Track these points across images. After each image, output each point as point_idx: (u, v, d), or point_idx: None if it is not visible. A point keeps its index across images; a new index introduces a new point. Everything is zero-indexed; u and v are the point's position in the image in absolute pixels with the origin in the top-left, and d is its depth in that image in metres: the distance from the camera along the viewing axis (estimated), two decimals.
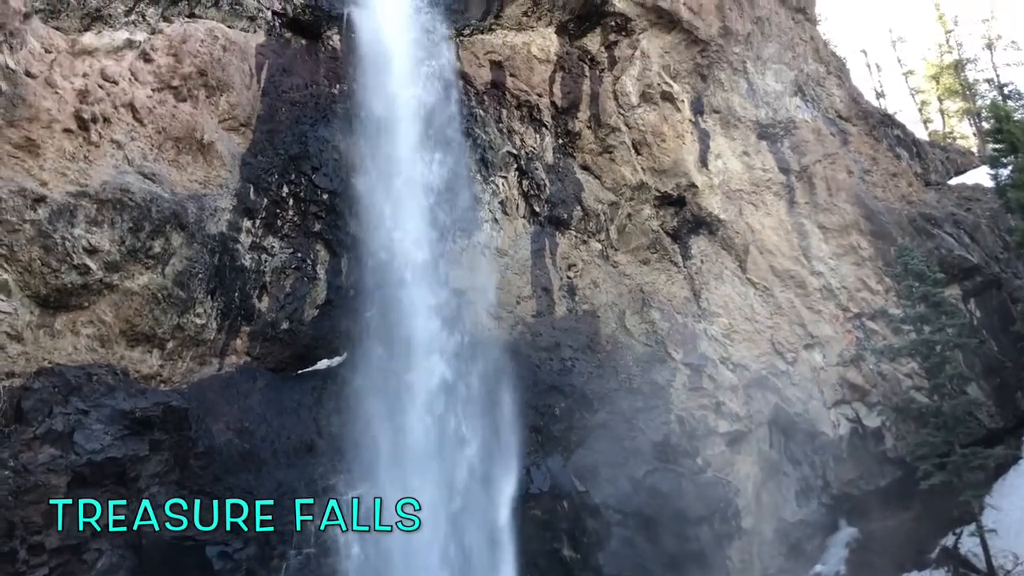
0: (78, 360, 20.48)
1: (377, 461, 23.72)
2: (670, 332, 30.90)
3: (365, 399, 24.31)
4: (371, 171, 26.47)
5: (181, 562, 20.22)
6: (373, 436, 23.91)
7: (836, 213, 34.30)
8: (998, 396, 32.22)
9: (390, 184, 26.49)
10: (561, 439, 27.68)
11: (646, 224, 32.51)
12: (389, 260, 25.77)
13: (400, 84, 27.74)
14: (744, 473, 29.66)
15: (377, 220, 26.03)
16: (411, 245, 26.18)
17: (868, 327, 32.67)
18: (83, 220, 20.35)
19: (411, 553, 22.46)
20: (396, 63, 27.91)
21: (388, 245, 25.90)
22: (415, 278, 26.00)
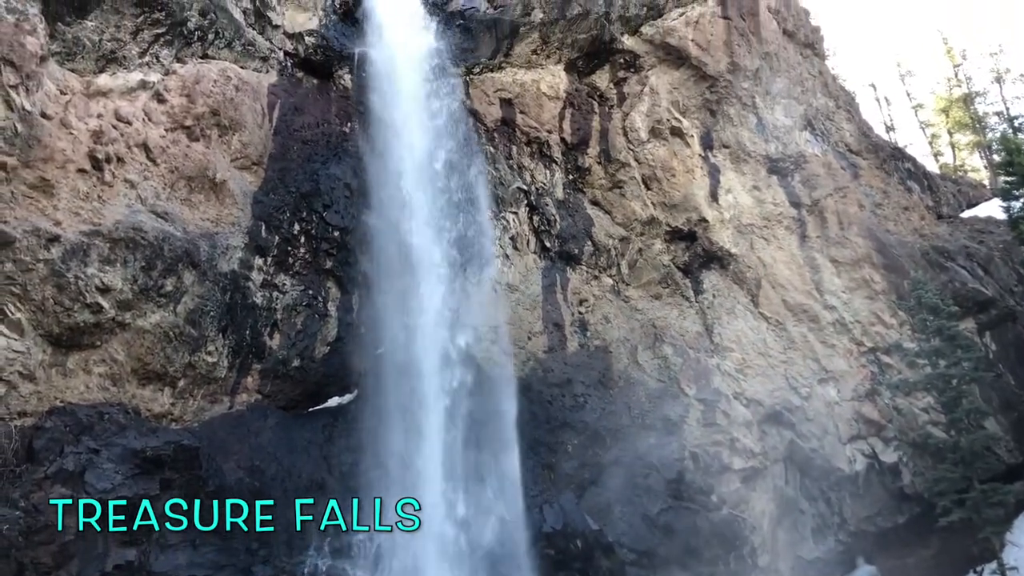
0: (90, 399, 20.51)
1: (388, 499, 23.51)
2: (683, 367, 30.70)
3: (376, 437, 24.17)
4: (382, 208, 26.59)
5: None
6: (384, 474, 23.72)
7: (848, 247, 34.16)
8: (1016, 431, 31.77)
9: (400, 220, 26.58)
10: (574, 476, 27.41)
11: (657, 259, 32.47)
12: (400, 296, 25.78)
13: (410, 121, 27.95)
14: (760, 510, 29.25)
15: (388, 256, 26.09)
16: (422, 281, 26.20)
17: (883, 361, 32.37)
18: (96, 259, 20.47)
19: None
20: (406, 101, 28.13)
21: (398, 282, 25.93)
22: (426, 314, 25.97)
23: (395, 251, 26.20)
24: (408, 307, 25.76)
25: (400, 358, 25.44)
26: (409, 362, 25.52)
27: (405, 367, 25.41)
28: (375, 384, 25.07)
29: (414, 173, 27.33)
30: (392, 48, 28.77)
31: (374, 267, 26.01)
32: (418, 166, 27.53)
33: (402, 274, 26.11)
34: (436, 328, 26.15)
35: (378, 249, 26.15)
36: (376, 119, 27.85)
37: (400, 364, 25.40)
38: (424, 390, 25.35)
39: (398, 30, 29.08)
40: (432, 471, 24.30)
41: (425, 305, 26.01)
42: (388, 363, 25.37)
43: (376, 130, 27.70)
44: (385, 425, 24.56)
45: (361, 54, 28.54)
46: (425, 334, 25.71)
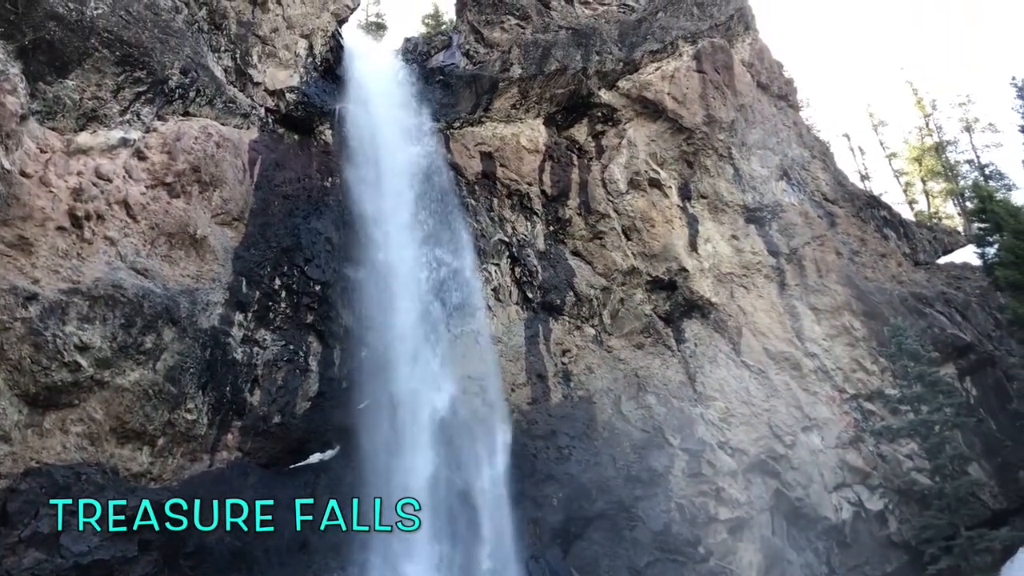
0: (67, 459, 20.13)
1: (373, 557, 23.13)
2: (667, 417, 30.60)
3: (360, 493, 23.82)
4: (363, 262, 26.60)
5: None
6: (368, 532, 23.34)
7: (827, 294, 34.44)
8: (1000, 476, 31.81)
9: (381, 274, 26.59)
10: (560, 530, 27.08)
11: (639, 308, 32.56)
12: (382, 351, 25.66)
13: (391, 176, 28.14)
14: (747, 561, 28.95)
15: (369, 311, 26.02)
16: (404, 334, 26.12)
17: (865, 408, 32.45)
18: (75, 317, 20.28)
19: None
20: (386, 156, 28.35)
21: (380, 335, 25.84)
22: (408, 368, 25.84)
23: (376, 304, 26.14)
24: (390, 360, 25.63)
25: (383, 413, 25.20)
26: (392, 416, 25.28)
27: (388, 422, 25.16)
28: (357, 440, 24.77)
29: (395, 226, 27.42)
30: (372, 104, 29.11)
31: (356, 321, 25.91)
32: (399, 219, 27.63)
33: (384, 327, 26.01)
34: (419, 382, 25.98)
35: (359, 303, 26.09)
36: (357, 174, 28.01)
37: (383, 419, 25.15)
38: (409, 444, 25.07)
39: (378, 86, 29.46)
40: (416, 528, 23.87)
41: (407, 358, 25.88)
42: (371, 418, 25.12)
43: (357, 184, 27.84)
44: (368, 481, 24.20)
45: (342, 110, 28.82)
46: (408, 388, 25.53)
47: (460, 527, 24.57)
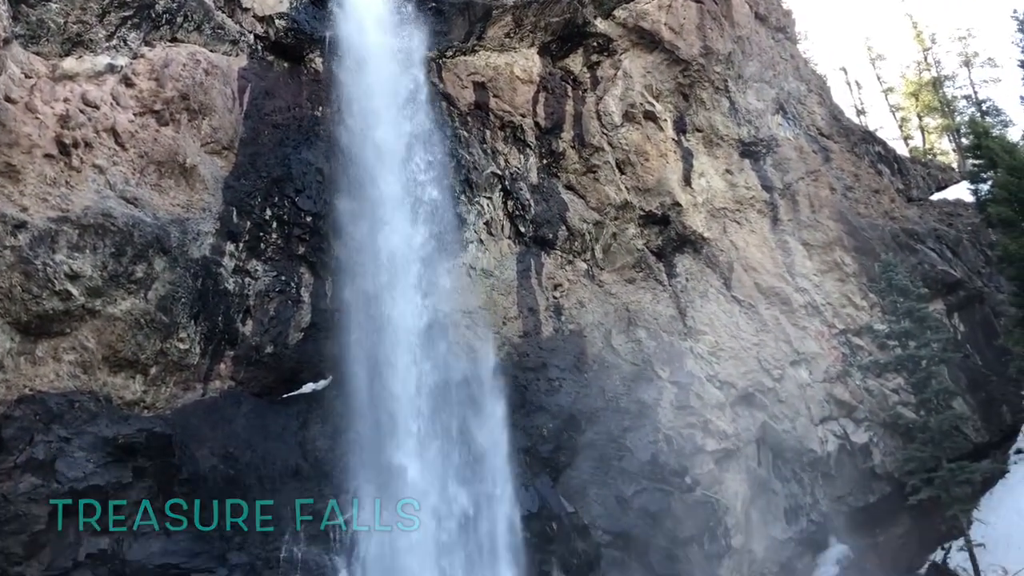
0: (60, 387, 20.24)
1: (365, 485, 23.47)
2: (656, 351, 30.84)
3: (351, 423, 24.07)
4: (354, 193, 26.40)
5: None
6: (360, 460, 23.65)
7: (819, 230, 34.49)
8: (984, 410, 32.37)
9: (373, 205, 26.42)
10: (549, 460, 27.48)
11: (631, 243, 32.52)
12: (374, 282, 25.63)
13: (382, 105, 27.74)
14: (733, 491, 29.53)
15: (361, 242, 25.92)
16: (396, 267, 26.08)
17: (854, 343, 32.79)
18: (65, 246, 20.19)
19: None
20: (378, 85, 27.90)
21: (372, 267, 25.79)
22: (400, 300, 25.85)
23: (368, 236, 26.03)
24: (381, 292, 25.63)
25: (374, 345, 25.30)
26: (383, 349, 25.38)
27: (379, 354, 25.28)
28: (349, 370, 24.92)
29: (387, 158, 27.15)
30: (363, 31, 28.51)
31: (347, 252, 25.83)
32: (391, 150, 27.34)
33: (375, 259, 25.96)
34: (410, 314, 26.03)
35: (351, 234, 25.98)
36: (347, 103, 27.61)
37: (374, 350, 25.26)
38: (399, 377, 25.23)
39: (369, 12, 28.81)
40: (407, 457, 24.21)
41: (399, 290, 25.89)
42: (362, 349, 25.23)
43: (348, 114, 27.47)
44: (360, 411, 24.43)
45: (332, 37, 28.25)
46: (399, 320, 25.59)
47: (451, 456, 24.86)
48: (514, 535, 24.65)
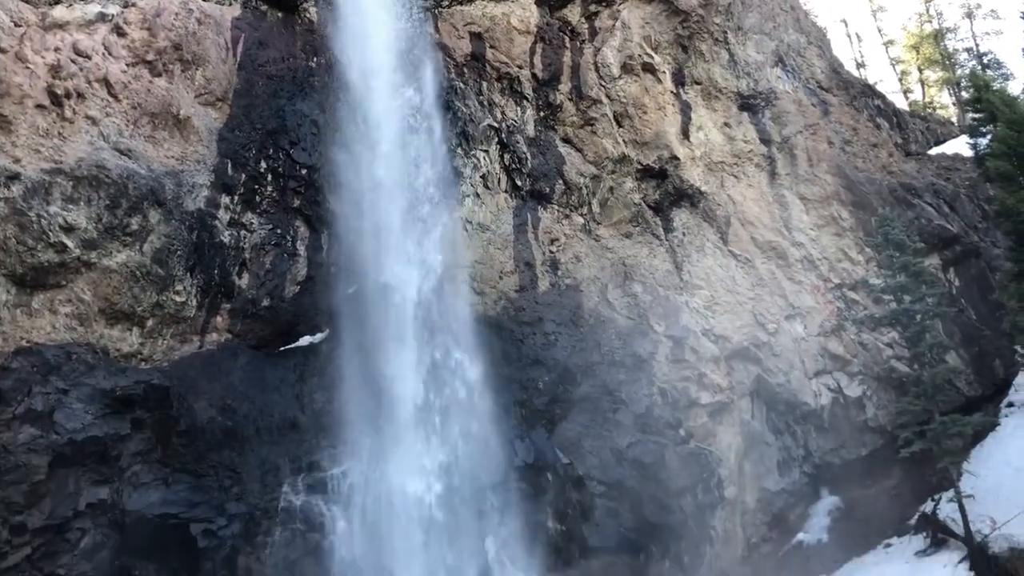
0: (57, 339, 20.33)
1: (361, 437, 23.68)
2: (652, 305, 30.89)
3: (348, 375, 24.21)
4: (349, 145, 26.22)
5: (165, 540, 20.21)
6: (357, 412, 23.83)
7: (817, 184, 34.36)
8: (976, 364, 32.57)
9: (369, 158, 26.25)
10: (545, 412, 27.70)
11: (628, 197, 32.40)
12: (370, 235, 25.59)
13: (377, 56, 27.43)
14: (726, 443, 29.83)
15: (356, 195, 25.82)
16: (392, 220, 26.01)
17: (849, 297, 32.86)
18: (59, 197, 20.11)
19: (395, 527, 22.51)
20: (373, 35, 27.55)
21: (368, 220, 25.72)
22: (396, 254, 25.84)
23: (363, 189, 25.92)
24: (378, 246, 25.60)
25: (371, 298, 25.34)
26: (380, 302, 25.43)
27: (376, 307, 25.33)
28: (346, 323, 25.00)
29: (381, 109, 26.92)
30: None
31: (342, 205, 25.74)
32: (385, 102, 27.10)
33: (371, 212, 25.87)
34: (406, 267, 26.04)
35: (346, 187, 25.85)
36: (342, 53, 27.30)
37: (371, 303, 25.31)
38: (395, 330, 25.31)
39: None
40: (404, 409, 24.40)
41: (394, 244, 25.86)
42: (359, 302, 25.27)
43: (342, 65, 27.17)
44: (357, 364, 24.55)
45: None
46: (395, 273, 25.60)
47: (447, 409, 25.04)
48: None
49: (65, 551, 18.96)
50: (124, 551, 19.69)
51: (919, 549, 27.89)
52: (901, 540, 28.99)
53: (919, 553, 27.72)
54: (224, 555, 20.74)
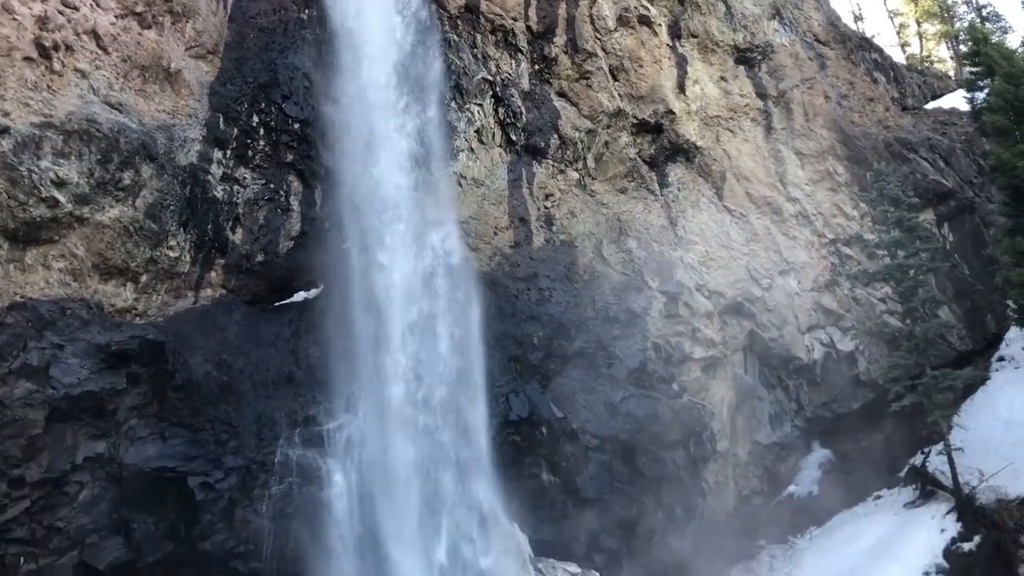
0: (51, 294, 20.30)
1: (357, 392, 23.79)
2: (647, 260, 30.93)
3: (343, 331, 24.25)
4: (342, 99, 25.97)
5: (163, 493, 20.38)
6: (352, 368, 23.92)
7: (813, 139, 34.24)
8: (969, 319, 32.79)
9: (362, 112, 26.03)
10: (539, 367, 27.84)
11: (623, 152, 32.24)
12: (363, 191, 25.46)
13: (371, 8, 27.05)
14: (719, 398, 30.11)
15: (350, 150, 25.63)
16: (385, 175, 25.86)
17: (843, 252, 32.95)
18: (50, 152, 19.93)
19: (392, 480, 22.74)
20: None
21: (362, 175, 25.57)
22: (390, 209, 25.74)
23: (357, 143, 25.73)
24: (371, 200, 25.49)
25: (365, 253, 25.29)
26: (374, 257, 25.38)
27: (371, 262, 25.29)
28: (341, 279, 24.96)
29: (374, 62, 26.63)
30: None
31: (336, 160, 25.56)
32: (379, 55, 26.79)
33: (365, 168, 25.71)
34: (400, 223, 25.95)
35: (339, 141, 25.65)
36: (334, 5, 26.93)
37: (365, 259, 25.27)
38: (389, 286, 25.30)
39: None
40: (399, 364, 24.49)
41: (389, 199, 25.75)
42: (353, 258, 25.22)
43: (334, 17, 26.81)
44: (352, 320, 24.57)
45: None
46: (389, 229, 25.53)
47: (442, 363, 25.13)
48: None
49: (64, 504, 19.13)
50: (122, 504, 19.88)
51: (908, 501, 28.37)
52: (891, 492, 29.47)
53: (908, 505, 28.20)
54: (222, 508, 20.94)
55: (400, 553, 22.10)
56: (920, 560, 25.27)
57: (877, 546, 26.64)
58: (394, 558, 22.00)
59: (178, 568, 20.43)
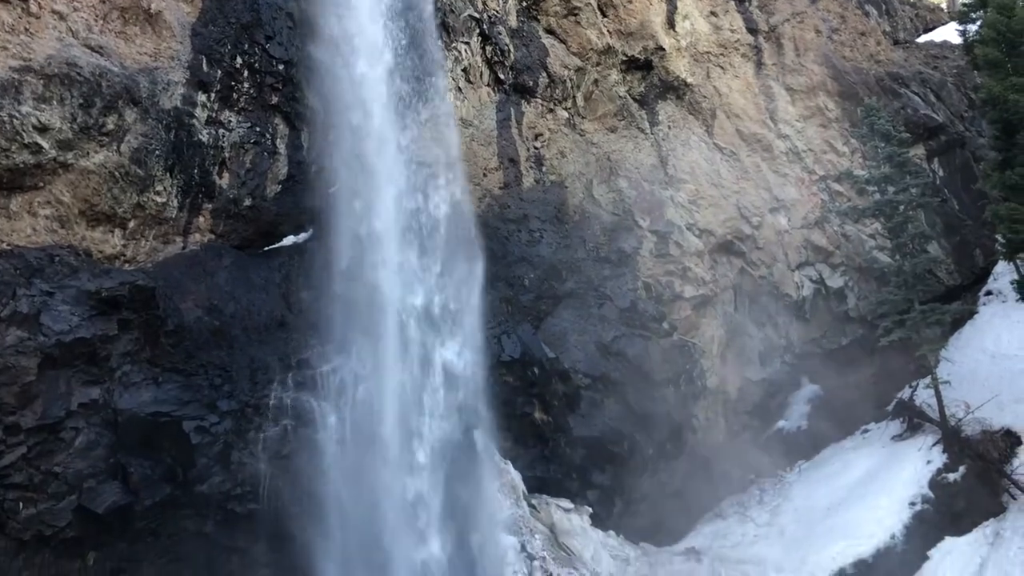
0: (38, 242, 20.17)
1: (349, 335, 23.85)
2: (637, 200, 30.85)
3: (333, 274, 24.21)
4: (326, 38, 25.51)
5: (159, 438, 20.54)
6: (343, 310, 23.94)
7: (804, 74, 33.95)
8: (957, 254, 32.96)
9: (347, 51, 25.60)
10: (531, 308, 27.95)
11: (613, 90, 31.92)
12: (350, 132, 25.18)
13: None
14: (709, 336, 30.34)
15: (335, 90, 25.28)
16: (372, 116, 25.55)
17: (833, 189, 32.92)
18: (30, 97, 19.59)
19: (386, 421, 22.93)
20: None
21: (347, 116, 25.27)
22: (378, 151, 25.48)
23: (342, 84, 25.37)
24: (359, 143, 25.22)
25: (353, 195, 25.11)
26: (363, 200, 25.21)
27: (358, 204, 25.12)
28: (329, 223, 24.81)
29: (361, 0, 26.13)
30: None
31: (322, 102, 25.24)
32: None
33: (351, 109, 25.39)
34: (389, 164, 25.73)
35: (325, 83, 25.30)
36: None
37: (353, 202, 25.10)
38: (380, 228, 25.18)
39: None
40: (391, 307, 24.51)
41: (376, 141, 25.48)
42: (341, 202, 25.05)
43: None
44: (342, 263, 24.50)
45: None
46: (378, 171, 25.32)
47: (433, 305, 25.15)
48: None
49: (60, 450, 19.25)
50: (119, 449, 20.02)
51: (895, 434, 28.81)
52: (879, 426, 29.92)
53: (895, 437, 28.64)
54: (218, 451, 21.13)
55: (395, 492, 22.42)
56: (907, 491, 25.76)
57: (865, 478, 27.12)
58: (387, 500, 22.31)
59: (176, 511, 20.71)
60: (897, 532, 24.68)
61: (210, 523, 21.11)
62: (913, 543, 24.32)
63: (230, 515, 21.13)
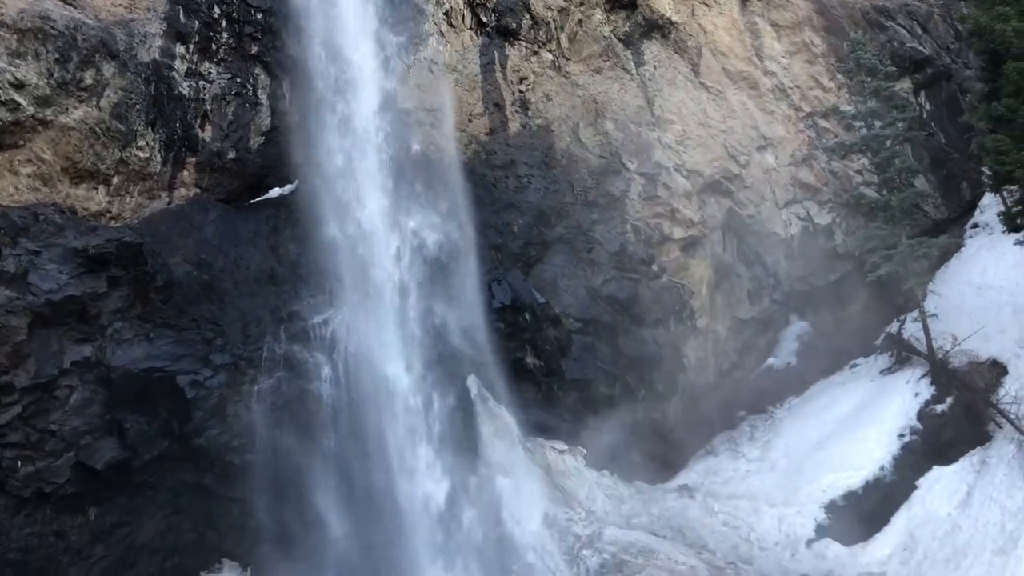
0: (21, 200, 20.04)
1: (339, 285, 23.87)
2: (624, 142, 30.66)
3: (322, 225, 24.13)
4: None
5: (153, 393, 20.69)
6: (333, 261, 23.92)
7: (789, 9, 33.52)
8: (944, 188, 33.02)
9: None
10: (520, 255, 27.97)
11: (597, 30, 31.49)
12: (331, 80, 24.89)
13: None
14: (698, 276, 30.45)
15: (315, 37, 24.92)
16: (353, 62, 25.24)
17: (820, 126, 32.78)
18: (4, 52, 19.33)
19: (379, 370, 23.07)
20: None
21: (328, 63, 24.95)
22: (361, 99, 25.24)
23: (322, 31, 24.99)
24: (341, 89, 24.95)
25: (337, 145, 24.93)
26: (347, 149, 25.04)
27: (343, 154, 24.96)
28: (315, 174, 24.65)
29: None
30: None
31: (302, 50, 24.89)
32: None
33: (331, 57, 25.06)
34: (373, 112, 25.49)
35: (304, 30, 24.91)
36: None
37: (338, 151, 24.92)
38: (365, 176, 25.05)
39: None
40: (380, 256, 24.50)
41: (359, 87, 25.21)
42: (326, 151, 24.85)
43: None
44: (329, 214, 24.40)
45: None
46: (362, 117, 25.10)
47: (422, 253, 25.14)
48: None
49: (55, 408, 19.37)
50: (114, 405, 20.17)
51: (884, 368, 29.14)
52: (867, 360, 30.24)
53: (884, 371, 28.97)
54: (213, 404, 21.29)
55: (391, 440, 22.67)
56: (895, 423, 26.14)
57: (854, 412, 27.49)
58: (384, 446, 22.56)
59: (175, 464, 20.96)
60: (886, 463, 25.10)
61: (209, 475, 21.39)
62: (902, 473, 24.74)
63: (228, 467, 21.37)
